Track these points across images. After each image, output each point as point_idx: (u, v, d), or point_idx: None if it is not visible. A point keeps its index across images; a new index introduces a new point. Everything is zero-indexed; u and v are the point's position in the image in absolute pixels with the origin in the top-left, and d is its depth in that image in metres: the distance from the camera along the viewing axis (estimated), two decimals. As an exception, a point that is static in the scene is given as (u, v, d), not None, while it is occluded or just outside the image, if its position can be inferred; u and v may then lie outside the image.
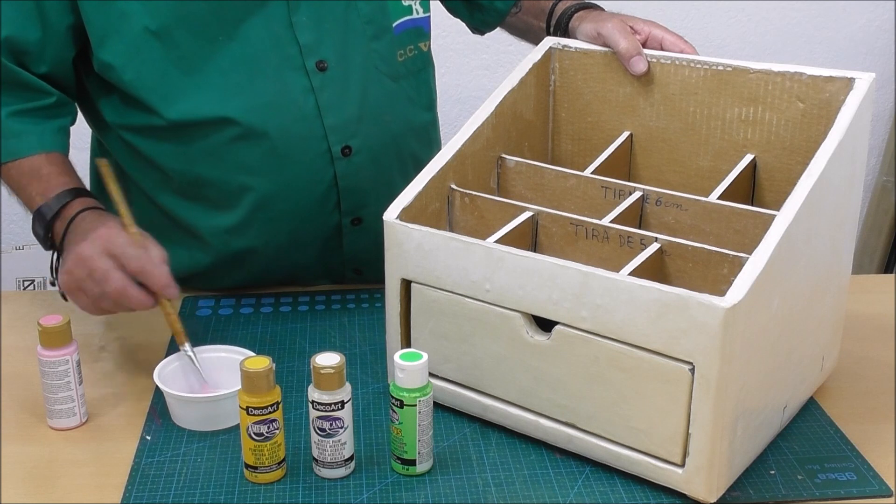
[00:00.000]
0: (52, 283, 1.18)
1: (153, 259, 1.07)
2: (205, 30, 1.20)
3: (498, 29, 1.50)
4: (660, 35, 1.19)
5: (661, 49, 1.17)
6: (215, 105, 1.22)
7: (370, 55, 1.28)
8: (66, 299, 1.13)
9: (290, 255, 1.33)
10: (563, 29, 1.29)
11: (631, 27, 1.19)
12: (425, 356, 0.96)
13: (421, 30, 1.34)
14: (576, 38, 1.25)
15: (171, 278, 1.07)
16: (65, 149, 1.26)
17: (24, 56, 1.21)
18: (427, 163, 1.18)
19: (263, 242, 1.30)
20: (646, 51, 1.16)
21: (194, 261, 1.32)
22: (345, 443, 0.96)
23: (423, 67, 1.36)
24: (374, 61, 1.28)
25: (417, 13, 1.32)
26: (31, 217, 1.19)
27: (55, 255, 1.19)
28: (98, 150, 1.35)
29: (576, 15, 1.28)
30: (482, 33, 1.54)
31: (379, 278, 1.09)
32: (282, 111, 1.23)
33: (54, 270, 1.19)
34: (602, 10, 1.29)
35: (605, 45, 1.19)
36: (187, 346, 1.09)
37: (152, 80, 1.21)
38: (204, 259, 1.32)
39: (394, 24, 1.30)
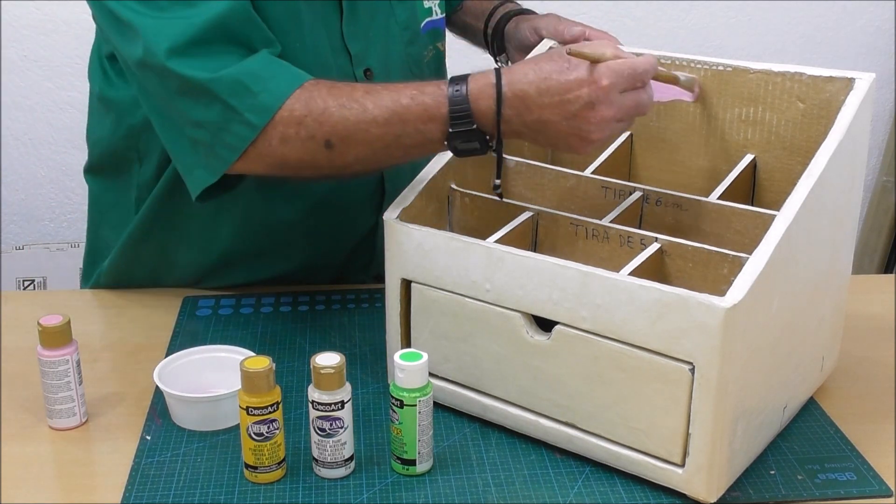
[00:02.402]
0: (497, 190, 1.07)
1: (638, 66, 0.99)
2: (280, 35, 1.16)
3: None
4: (587, 31, 1.22)
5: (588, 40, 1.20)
6: None
7: (406, 60, 1.30)
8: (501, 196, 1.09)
9: (325, 254, 1.35)
10: (500, 32, 1.35)
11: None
12: (425, 356, 0.96)
13: (439, 30, 1.36)
14: (514, 38, 1.31)
15: (651, 63, 1.00)
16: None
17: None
18: None
19: (304, 245, 1.32)
20: (646, 50, 1.16)
21: (226, 254, 1.32)
22: (345, 443, 0.96)
23: (439, 66, 1.38)
24: (409, 65, 1.30)
25: (436, 14, 1.34)
26: (440, 144, 1.03)
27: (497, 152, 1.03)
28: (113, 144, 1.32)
29: (513, 19, 1.34)
30: None
31: None
32: None
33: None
34: (535, 13, 1.35)
35: (544, 36, 1.25)
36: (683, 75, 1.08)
37: None
38: (239, 252, 1.32)
39: (420, 26, 1.32)
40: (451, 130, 1.00)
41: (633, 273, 0.94)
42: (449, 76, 1.06)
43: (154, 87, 1.10)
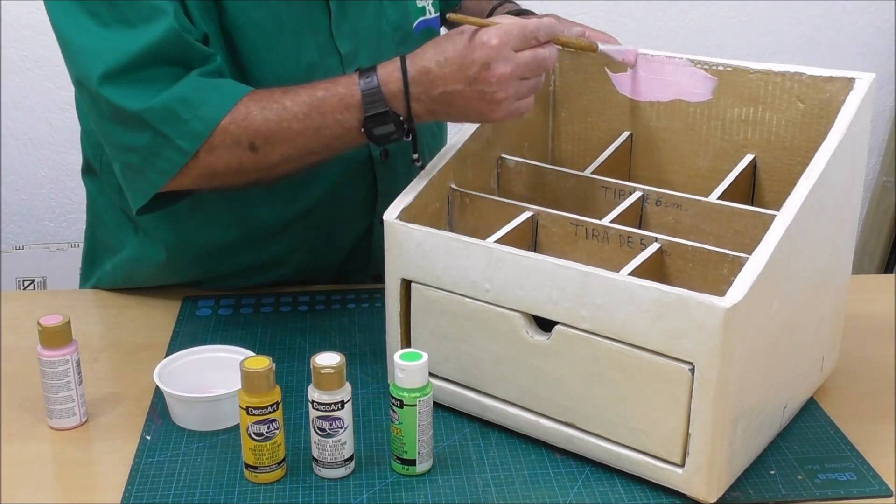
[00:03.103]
0: (415, 160, 1.10)
1: (529, 24, 1.01)
2: (263, 39, 1.17)
3: None
4: (586, 32, 1.22)
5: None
6: None
7: None
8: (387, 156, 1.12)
9: (322, 257, 1.35)
10: None
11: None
12: (425, 356, 0.96)
13: (432, 29, 1.36)
14: None
15: (543, 23, 1.02)
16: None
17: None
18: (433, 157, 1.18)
19: (300, 248, 1.32)
20: (646, 51, 1.17)
21: (222, 264, 1.33)
22: (345, 443, 0.96)
23: None
24: None
25: (430, 13, 1.34)
26: (355, 132, 1.07)
27: (409, 134, 1.08)
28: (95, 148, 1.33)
29: None
30: None
31: None
32: None
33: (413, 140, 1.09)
34: (534, 13, 1.34)
35: None
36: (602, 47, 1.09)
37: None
38: (236, 261, 1.33)
39: (413, 26, 1.32)
40: (366, 115, 1.05)
41: (633, 273, 0.94)
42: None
43: (88, 107, 1.12)
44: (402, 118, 1.05)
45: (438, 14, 1.37)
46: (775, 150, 1.10)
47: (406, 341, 1.08)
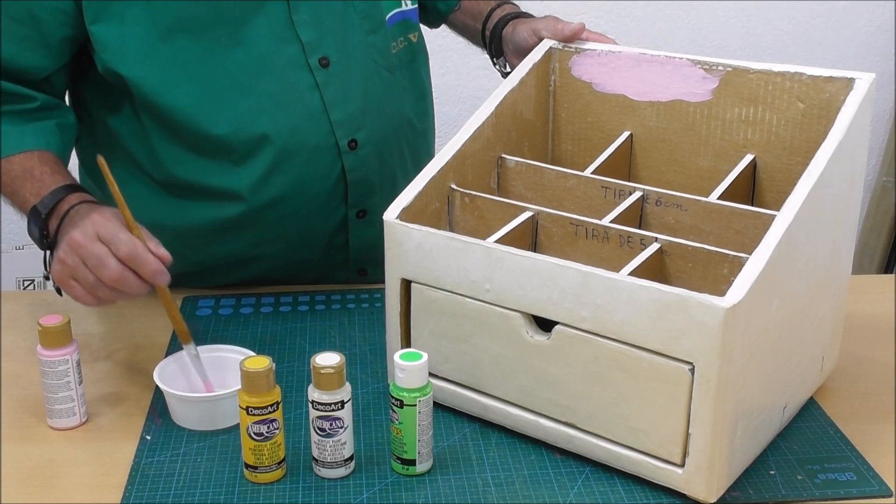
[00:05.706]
0: (47, 278, 1.15)
1: (144, 246, 1.03)
2: (206, 33, 1.19)
3: None
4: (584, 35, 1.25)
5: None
6: (223, 109, 1.22)
7: (368, 49, 1.30)
8: (60, 293, 1.11)
9: (298, 251, 1.34)
10: (497, 35, 1.38)
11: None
12: (425, 356, 0.96)
13: (409, 21, 1.37)
14: (512, 41, 1.33)
15: (162, 266, 1.04)
16: (55, 147, 1.22)
17: (19, 74, 1.21)
18: (420, 152, 1.18)
19: (273, 240, 1.31)
20: (646, 51, 1.17)
21: (201, 259, 1.32)
22: (345, 443, 0.96)
23: (413, 58, 1.39)
24: (372, 55, 1.30)
25: (406, 5, 1.35)
26: (25, 219, 1.16)
27: (49, 252, 1.16)
28: (86, 136, 1.33)
29: (510, 22, 1.36)
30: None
31: (382, 278, 1.10)
32: (289, 110, 1.24)
33: (47, 264, 1.16)
34: (533, 16, 1.37)
35: (544, 37, 1.26)
36: (191, 347, 1.09)
37: (159, 84, 1.20)
38: (211, 255, 1.32)
39: (386, 17, 1.32)
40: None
41: (633, 273, 0.94)
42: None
43: None
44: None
45: (416, 7, 1.37)
46: (775, 150, 1.10)
47: (406, 341, 1.08)
